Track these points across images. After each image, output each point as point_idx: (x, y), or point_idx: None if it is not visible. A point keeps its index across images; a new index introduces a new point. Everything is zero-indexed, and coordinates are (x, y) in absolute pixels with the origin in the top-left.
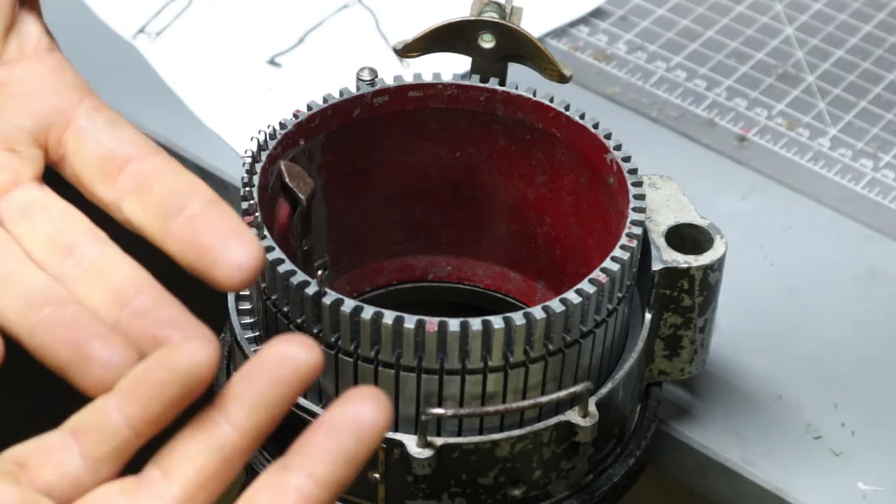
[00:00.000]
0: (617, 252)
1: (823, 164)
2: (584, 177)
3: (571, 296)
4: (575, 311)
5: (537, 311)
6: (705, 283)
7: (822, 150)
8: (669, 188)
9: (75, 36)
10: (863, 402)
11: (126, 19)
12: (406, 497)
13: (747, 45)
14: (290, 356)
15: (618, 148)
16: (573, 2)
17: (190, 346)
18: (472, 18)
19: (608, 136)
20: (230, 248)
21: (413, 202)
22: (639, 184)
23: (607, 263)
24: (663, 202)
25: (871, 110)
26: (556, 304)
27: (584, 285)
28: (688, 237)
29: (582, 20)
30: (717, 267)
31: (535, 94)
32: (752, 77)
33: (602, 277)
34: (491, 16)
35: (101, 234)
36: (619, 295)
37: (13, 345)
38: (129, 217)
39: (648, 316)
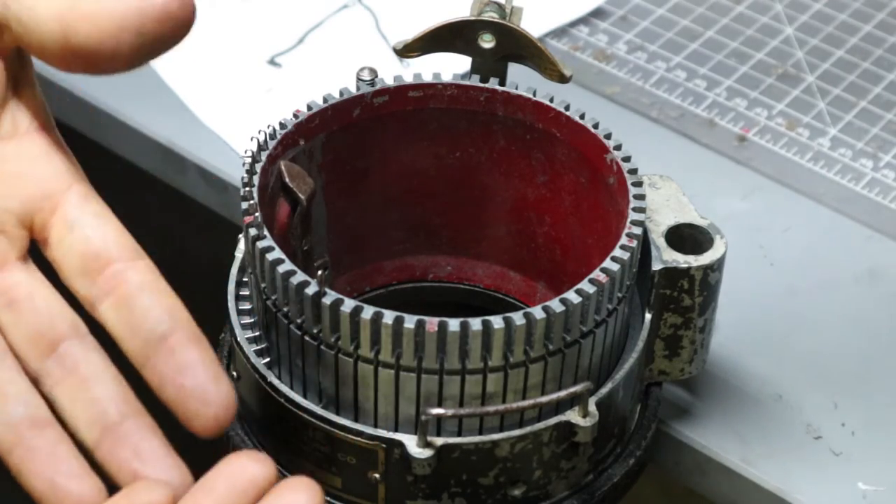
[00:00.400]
0: (617, 252)
1: (823, 164)
2: (584, 177)
3: (571, 296)
4: (575, 311)
5: (537, 311)
6: (705, 283)
7: (822, 150)
8: (669, 188)
9: None
10: (863, 402)
11: None
12: (406, 497)
13: (747, 45)
14: (247, 470)
15: (618, 148)
16: (573, 2)
17: (149, 487)
18: (472, 18)
19: (608, 136)
20: (209, 399)
21: (413, 202)
22: (639, 184)
23: (607, 263)
24: (663, 202)
25: (871, 110)
26: (556, 304)
27: (584, 285)
28: (688, 237)
29: (582, 20)
30: (717, 267)
31: (535, 94)
32: (752, 77)
33: (602, 277)
34: (491, 16)
35: (83, 330)
36: (619, 295)
37: None
38: (103, 320)
39: (648, 316)
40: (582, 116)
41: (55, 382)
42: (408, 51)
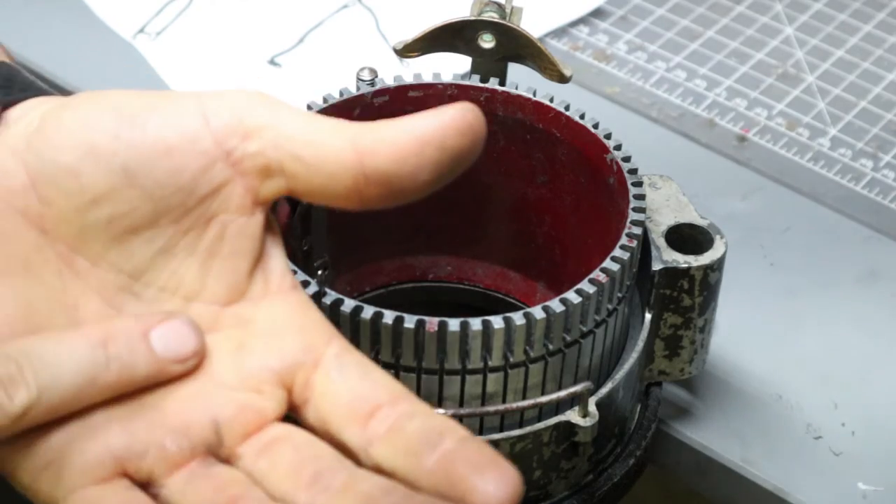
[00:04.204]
0: (617, 252)
1: (823, 164)
2: (584, 177)
3: (571, 296)
4: (575, 311)
5: (537, 311)
6: (705, 283)
7: (822, 150)
8: (669, 188)
9: (75, 36)
10: (863, 402)
11: (126, 19)
12: None
13: (747, 45)
14: None
15: (618, 148)
16: (573, 2)
17: None
18: (472, 18)
19: (608, 136)
20: (486, 476)
21: (413, 202)
22: (639, 184)
23: (607, 263)
24: (663, 202)
25: (871, 110)
26: (556, 304)
27: (584, 285)
28: (688, 237)
29: (582, 20)
30: (717, 267)
31: (535, 94)
32: (752, 77)
33: (602, 277)
34: (491, 16)
35: (347, 463)
36: (619, 295)
37: None
38: (378, 461)
39: (648, 316)
40: (582, 116)
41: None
42: (408, 51)
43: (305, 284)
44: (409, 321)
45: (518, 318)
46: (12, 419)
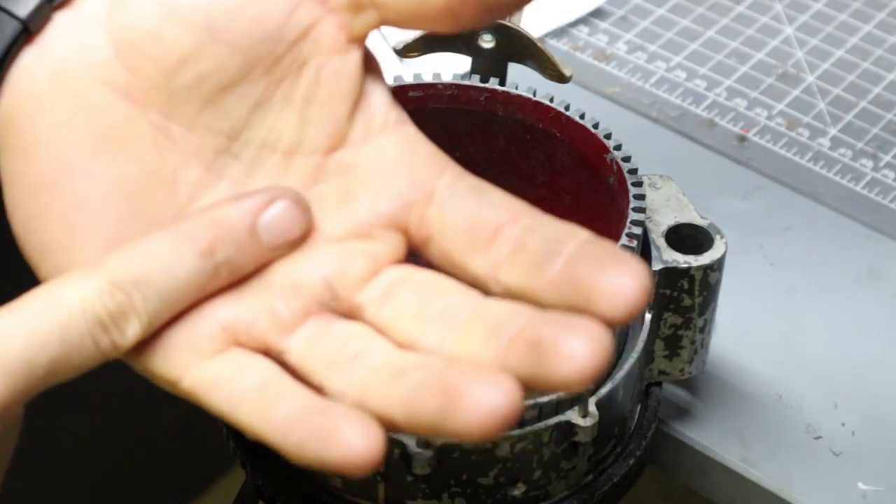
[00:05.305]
0: None
1: (823, 164)
2: (584, 177)
3: None
4: None
5: None
6: (705, 283)
7: (822, 150)
8: (669, 188)
9: None
10: (863, 402)
11: None
12: (406, 497)
13: (747, 45)
14: None
15: (618, 148)
16: (573, 2)
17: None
18: None
19: (608, 136)
20: (609, 273)
21: None
22: (639, 184)
23: None
24: (663, 202)
25: (871, 110)
26: None
27: None
28: (688, 237)
29: (582, 20)
30: (717, 267)
31: (535, 94)
32: (752, 77)
33: None
34: None
35: (474, 293)
36: None
37: None
38: (507, 284)
39: (648, 316)
40: (582, 116)
41: (451, 344)
42: (408, 51)
43: None
44: None
45: None
46: (123, 352)
